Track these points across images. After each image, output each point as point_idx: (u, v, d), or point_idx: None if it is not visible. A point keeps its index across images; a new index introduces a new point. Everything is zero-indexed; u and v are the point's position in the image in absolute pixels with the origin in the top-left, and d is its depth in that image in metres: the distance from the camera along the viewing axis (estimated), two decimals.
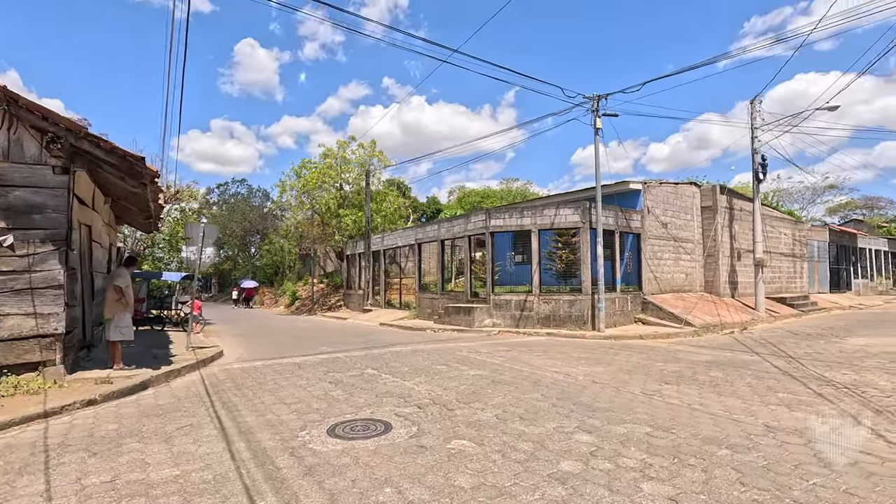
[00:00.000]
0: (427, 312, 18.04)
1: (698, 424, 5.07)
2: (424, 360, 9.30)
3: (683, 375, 7.68)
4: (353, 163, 26.86)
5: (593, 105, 13.80)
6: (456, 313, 15.27)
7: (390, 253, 22.77)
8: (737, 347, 10.81)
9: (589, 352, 10.32)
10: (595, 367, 8.50)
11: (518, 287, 15.22)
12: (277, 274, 40.84)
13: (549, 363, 8.87)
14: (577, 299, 13.86)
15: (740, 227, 19.14)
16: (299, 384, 7.22)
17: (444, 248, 17.74)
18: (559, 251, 14.99)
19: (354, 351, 10.65)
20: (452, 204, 49.04)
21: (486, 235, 15.18)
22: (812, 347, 10.62)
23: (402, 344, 11.82)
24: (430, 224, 18.84)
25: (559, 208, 14.23)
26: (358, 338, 13.49)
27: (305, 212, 28.08)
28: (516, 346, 11.36)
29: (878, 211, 51.10)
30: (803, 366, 8.47)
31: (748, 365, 8.61)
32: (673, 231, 17.05)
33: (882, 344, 10.86)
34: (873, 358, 9.15)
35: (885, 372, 7.85)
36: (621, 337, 12.81)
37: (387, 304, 21.68)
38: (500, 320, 14.68)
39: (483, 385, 6.99)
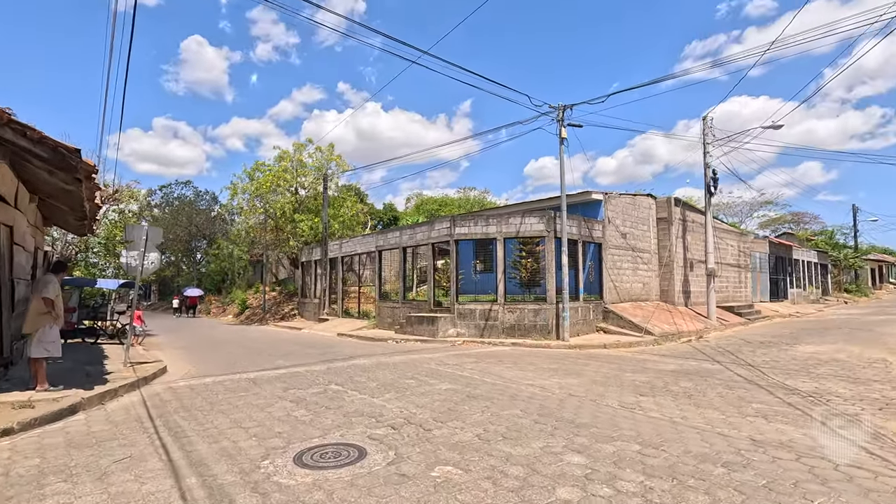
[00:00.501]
0: (388, 322, 17.48)
1: (686, 440, 4.92)
2: (391, 373, 8.81)
3: (656, 386, 7.63)
4: (310, 166, 25.95)
5: (559, 115, 13.86)
6: (419, 323, 14.83)
7: (347, 260, 22.05)
8: (698, 356, 11.01)
9: (557, 362, 10.18)
10: (567, 378, 8.33)
11: (482, 296, 15.01)
12: (225, 281, 38.82)
13: (520, 375, 8.62)
14: (541, 308, 13.78)
15: (692, 238, 19.86)
16: (257, 404, 6.57)
17: (406, 256, 17.29)
18: (523, 260, 14.91)
19: (314, 364, 10.00)
20: (410, 211, 48.59)
21: (451, 243, 14.88)
22: (767, 355, 10.96)
23: (365, 356, 11.26)
24: (391, 231, 18.35)
25: (524, 217, 14.15)
26: (316, 349, 12.78)
27: (258, 216, 26.80)
28: (483, 356, 11.07)
29: (804, 225, 55.03)
30: (764, 374, 8.66)
31: (714, 374, 8.71)
32: (631, 241, 17.42)
33: (828, 351, 11.38)
34: (825, 366, 9.51)
35: (839, 379, 8.12)
36: (586, 346, 12.81)
37: (344, 313, 20.91)
38: (465, 330, 14.38)
39: (458, 401, 6.61)
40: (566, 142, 13.83)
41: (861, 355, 10.66)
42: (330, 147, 25.79)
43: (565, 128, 13.83)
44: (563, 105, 13.77)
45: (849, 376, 8.40)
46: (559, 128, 13.88)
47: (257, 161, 25.84)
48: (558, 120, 13.89)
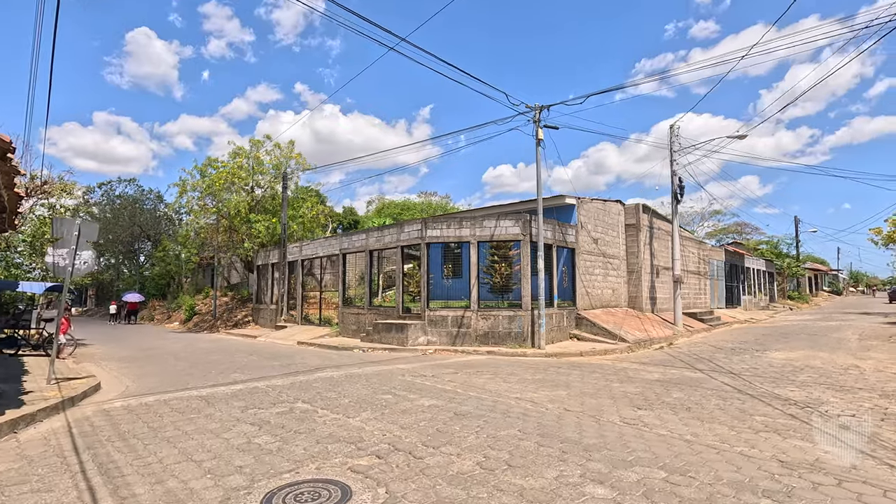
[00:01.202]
0: (352, 329, 16.49)
1: (710, 463, 4.42)
2: (364, 387, 7.97)
3: (649, 398, 7.19)
4: (268, 164, 24.53)
5: (535, 115, 13.47)
6: (387, 330, 13.98)
7: (307, 264, 20.83)
8: (677, 364, 10.77)
9: (539, 372, 9.64)
10: (556, 390, 7.78)
11: (453, 302, 14.35)
12: (171, 285, 36.27)
13: (505, 388, 7.99)
14: (516, 315, 13.27)
15: (658, 245, 20.03)
16: (211, 429, 5.59)
17: (372, 260, 16.39)
18: (496, 265, 14.37)
19: (276, 378, 8.98)
20: (371, 214, 47.42)
21: (422, 246, 14.15)
22: (744, 362, 10.87)
23: (332, 367, 10.32)
24: (357, 233, 17.40)
25: (499, 220, 13.63)
26: (276, 360, 11.68)
27: (210, 216, 25.04)
28: (460, 366, 10.38)
29: (746, 235, 57.95)
30: (750, 383, 8.43)
31: (701, 384, 8.40)
32: (602, 247, 17.28)
33: (800, 358, 11.45)
34: (803, 373, 9.45)
35: (824, 387, 7.99)
36: (562, 354, 12.39)
37: (304, 319, 19.69)
38: (436, 338, 13.65)
39: (446, 420, 5.89)
40: (542, 143, 13.45)
41: (833, 362, 10.75)
42: (290, 144, 24.50)
43: (542, 129, 13.45)
44: (540, 105, 13.39)
45: (831, 384, 8.30)
46: (536, 129, 13.48)
47: (209, 157, 24.17)
48: (535, 120, 13.50)
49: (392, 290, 19.24)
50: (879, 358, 11.27)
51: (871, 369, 9.79)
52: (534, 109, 13.46)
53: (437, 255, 17.04)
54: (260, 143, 24.30)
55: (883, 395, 7.38)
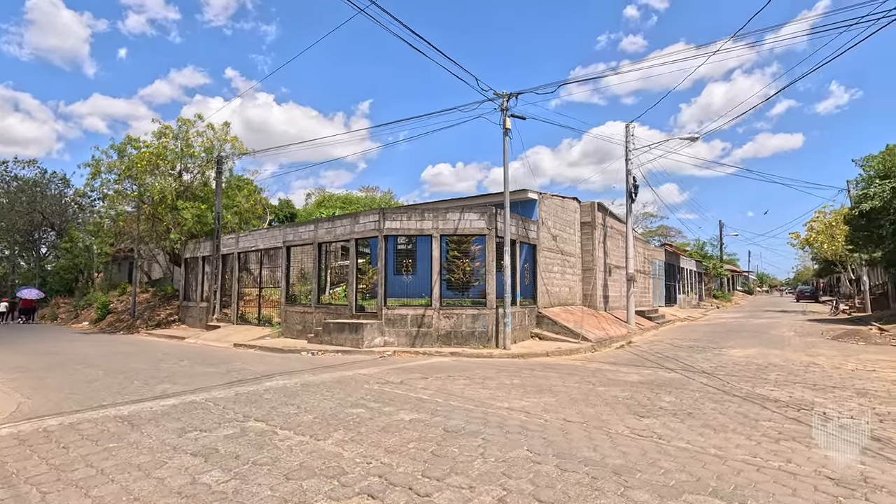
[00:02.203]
0: (297, 330, 15.03)
1: (759, 484, 3.85)
2: (327, 399, 6.84)
3: (642, 403, 6.69)
4: (199, 147, 22.13)
5: (503, 103, 12.80)
6: (339, 331, 12.74)
7: (243, 258, 18.93)
8: (646, 364, 10.51)
9: (514, 376, 8.93)
10: (542, 397, 7.09)
11: (412, 300, 13.36)
12: (79, 281, 32.18)
13: (488, 395, 7.19)
14: (480, 314, 12.54)
15: (611, 243, 20.17)
16: (139, 464, 4.30)
17: (321, 253, 15.01)
18: (458, 260, 13.58)
19: (216, 389, 7.59)
20: (310, 208, 45.07)
21: (380, 239, 13.04)
22: (708, 361, 10.82)
23: (282, 374, 9.01)
24: (304, 224, 15.89)
25: (464, 213, 12.83)
26: (212, 366, 10.13)
27: (129, 202, 22.21)
28: (427, 370, 9.46)
29: (670, 238, 61.45)
30: (729, 383, 8.23)
31: (683, 385, 8.07)
32: (561, 244, 17.01)
33: (756, 355, 11.62)
34: (769, 371, 9.45)
35: (801, 386, 7.93)
36: (529, 355, 11.82)
37: (240, 319, 17.85)
38: (394, 338, 12.62)
39: (437, 439, 4.97)
40: (510, 133, 12.81)
41: (790, 359, 10.95)
42: (224, 126, 22.22)
43: (509, 118, 12.80)
44: (509, 93, 12.74)
45: (804, 382, 8.28)
46: (503, 117, 12.81)
47: (129, 135, 21.34)
48: (502, 109, 12.83)
49: (340, 286, 17.90)
50: (828, 354, 11.68)
51: (829, 366, 10.01)
52: (501, 97, 12.78)
53: (395, 250, 15.96)
54: (190, 122, 21.84)
55: (860, 394, 7.36)
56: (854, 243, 22.69)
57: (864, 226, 21.15)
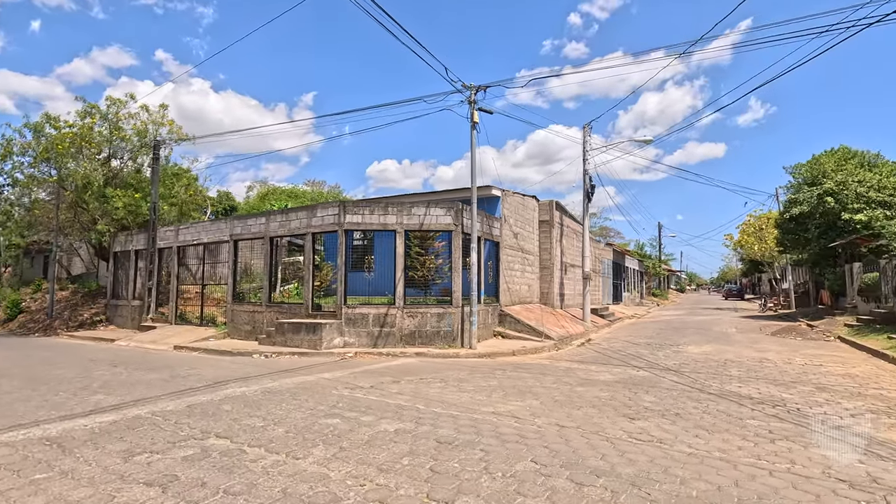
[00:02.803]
0: (245, 330, 13.94)
1: (781, 491, 3.72)
2: (295, 408, 6.17)
3: (626, 404, 6.56)
4: (131, 130, 20.12)
5: (471, 95, 12.45)
6: (294, 331, 11.90)
7: (182, 252, 17.40)
8: (612, 362, 10.55)
9: (488, 377, 8.61)
10: (525, 400, 6.80)
11: (373, 298, 12.72)
12: None
13: (467, 399, 6.80)
14: (446, 312, 12.14)
15: (567, 242, 20.43)
16: (78, 499, 3.52)
17: (273, 248, 14.00)
18: (422, 257, 13.10)
19: (164, 400, 6.67)
20: (253, 201, 42.75)
21: (339, 234, 12.30)
22: (669, 358, 11.03)
23: (237, 381, 8.15)
24: (254, 216, 14.77)
25: (430, 208, 12.37)
26: (154, 373, 9.03)
27: (45, 188, 19.83)
28: (396, 372, 8.94)
29: (609, 238, 64.05)
30: (696, 380, 8.35)
31: (657, 384, 8.07)
32: (521, 242, 16.95)
33: (712, 352, 12.02)
34: (728, 367, 9.73)
35: (763, 382, 8.18)
36: (495, 354, 11.57)
37: (179, 318, 16.38)
38: (354, 339, 11.95)
39: (432, 453, 4.51)
40: (478, 127, 12.49)
41: (743, 355, 11.40)
42: (161, 109, 20.33)
43: (477, 111, 12.48)
44: (476, 86, 12.41)
45: (764, 378, 8.57)
46: (471, 110, 12.47)
47: (46, 112, 18.99)
48: (470, 101, 12.48)
49: (291, 284, 16.89)
50: (775, 350, 12.29)
51: (780, 361, 10.49)
52: (470, 89, 12.42)
53: (352, 245, 15.12)
54: (121, 102, 19.77)
55: (819, 389, 7.65)
56: (783, 245, 24.43)
57: (793, 229, 22.78)
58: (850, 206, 19.86)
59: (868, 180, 20.13)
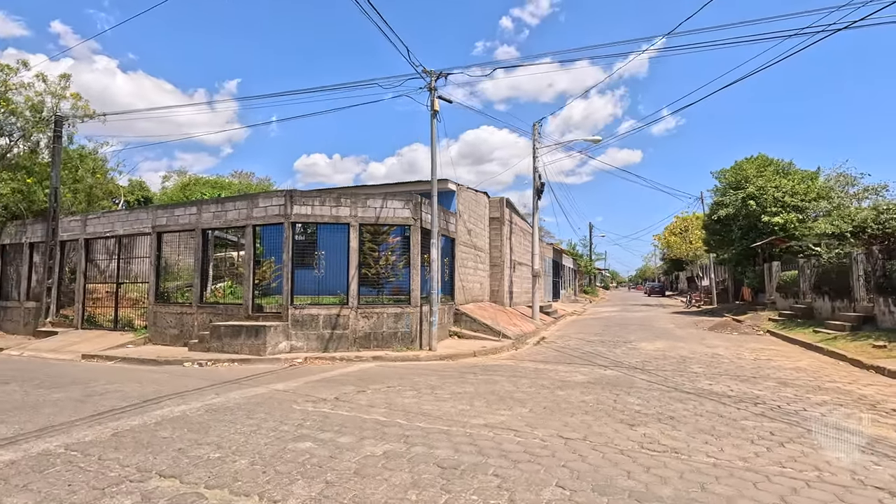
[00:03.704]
0: (171, 335, 12.28)
1: None
2: (254, 430, 5.17)
3: (616, 408, 6.24)
4: (23, 103, 17.21)
5: (431, 82, 11.75)
6: (233, 335, 10.57)
7: (84, 245, 15.09)
8: (576, 361, 10.35)
9: (460, 382, 7.99)
10: (512, 407, 6.27)
11: (321, 298, 11.62)
12: None
13: (450, 409, 6.14)
14: (404, 312, 11.37)
15: (515, 239, 20.32)
16: None
17: (206, 242, 12.43)
18: (374, 252, 12.20)
19: (80, 427, 5.35)
20: (171, 191, 39.00)
21: (286, 227, 11.10)
22: (629, 355, 11.04)
23: (173, 397, 6.87)
24: (183, 205, 13.03)
25: (387, 200, 11.51)
26: (61, 390, 7.44)
27: None
28: (360, 381, 8.06)
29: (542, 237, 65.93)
30: (668, 378, 8.30)
31: (632, 384, 7.89)
32: (474, 239, 16.52)
33: (666, 348, 12.27)
34: (690, 363, 9.87)
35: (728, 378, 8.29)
36: (457, 356, 10.99)
37: (86, 322, 14.18)
38: (303, 342, 10.84)
39: (439, 482, 3.81)
40: (438, 116, 11.82)
41: (696, 350, 11.69)
42: (62, 79, 17.56)
43: (437, 100, 11.81)
44: (438, 71, 11.73)
45: (727, 374, 8.72)
46: (431, 98, 11.77)
47: None
48: (430, 88, 11.78)
49: (223, 282, 15.23)
50: (722, 345, 12.73)
51: (732, 356, 10.83)
52: (430, 75, 11.72)
53: (277, 241, 13.77)
54: (11, 69, 16.82)
55: (783, 384, 7.84)
56: (709, 245, 26.06)
57: (719, 230, 24.31)
58: (768, 209, 21.50)
59: (783, 186, 21.90)
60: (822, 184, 22.79)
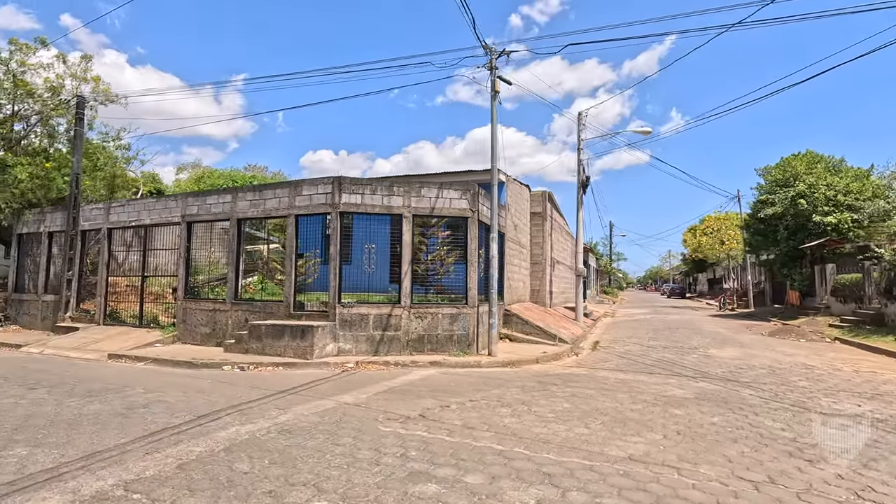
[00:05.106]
0: (202, 333, 11.30)
1: None
2: (351, 464, 4.14)
3: (766, 436, 5.20)
4: (42, 85, 16.29)
5: (492, 60, 10.69)
6: (275, 336, 9.56)
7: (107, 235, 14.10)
8: (655, 370, 9.29)
9: (547, 395, 6.94)
10: (642, 433, 5.23)
11: (370, 295, 10.58)
12: None
13: (566, 432, 5.10)
14: (460, 313, 10.33)
15: (554, 236, 19.25)
16: None
17: (240, 233, 11.43)
18: (424, 247, 11.16)
19: (133, 456, 4.32)
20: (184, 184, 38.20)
21: (334, 217, 10.08)
22: (707, 364, 9.98)
23: (229, 411, 5.84)
24: (214, 193, 12.02)
25: (442, 189, 10.47)
26: (96, 400, 6.41)
27: None
28: (430, 390, 7.02)
29: None
30: (778, 393, 7.22)
31: (747, 401, 6.84)
32: (518, 235, 15.47)
33: (740, 356, 11.17)
34: (788, 376, 8.80)
35: (846, 394, 7.21)
36: (520, 362, 9.93)
37: (109, 317, 13.23)
38: (351, 345, 9.83)
39: None
40: (498, 98, 10.76)
41: (780, 360, 10.59)
42: (83, 60, 16.62)
43: (498, 80, 10.74)
44: (500, 50, 10.66)
45: (841, 389, 7.69)
46: (492, 78, 10.71)
47: None
48: (490, 67, 10.72)
49: (253, 277, 14.25)
50: (801, 353, 11.61)
51: (828, 367, 9.73)
52: (491, 53, 10.65)
53: (313, 232, 12.66)
54: (29, 48, 15.90)
55: None
56: (750, 245, 24.87)
57: (762, 230, 23.10)
58: (819, 208, 20.30)
59: (835, 184, 20.68)
60: (877, 181, 21.56)
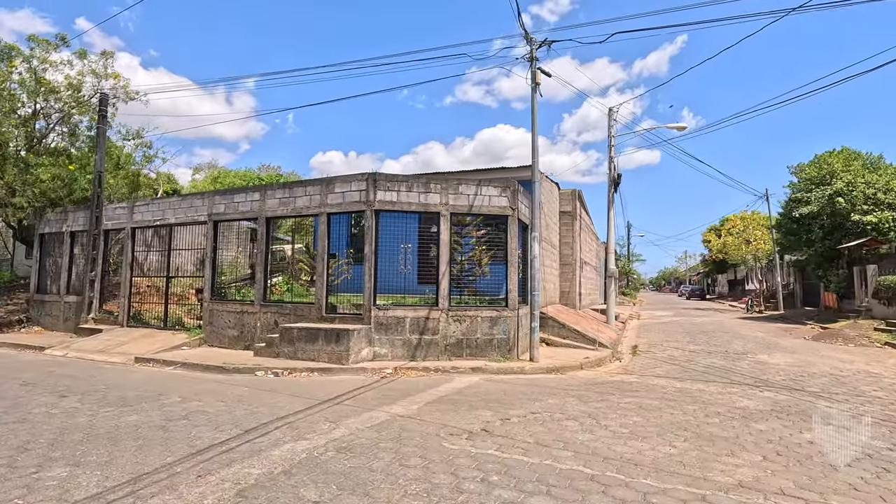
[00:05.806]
0: (230, 336, 10.91)
1: None
2: (430, 491, 3.67)
3: (874, 457, 4.61)
4: (62, 83, 16.07)
5: (532, 51, 10.19)
6: (308, 340, 9.13)
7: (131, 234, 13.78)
8: (711, 378, 8.71)
9: (612, 408, 6.42)
10: (737, 454, 4.70)
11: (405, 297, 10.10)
12: None
13: (651, 451, 4.59)
14: (500, 316, 9.83)
15: (583, 236, 18.68)
16: None
17: (269, 232, 11.03)
18: (459, 247, 10.67)
19: (183, 479, 3.88)
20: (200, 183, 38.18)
21: (369, 215, 9.63)
22: (763, 370, 9.41)
23: (276, 424, 5.40)
24: (242, 191, 11.63)
25: (481, 186, 9.98)
26: (132, 409, 6.00)
27: None
28: (478, 400, 6.53)
29: None
30: (855, 405, 6.62)
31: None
32: (549, 234, 14.93)
33: (795, 362, 10.56)
34: (859, 384, 8.19)
35: None
36: (564, 368, 9.41)
37: (132, 319, 12.91)
38: (387, 349, 9.37)
39: None
40: (539, 90, 10.25)
41: (841, 368, 9.95)
42: (104, 57, 16.38)
43: (538, 71, 10.24)
44: (540, 40, 10.15)
45: None
46: (532, 69, 10.20)
47: None
48: (531, 58, 10.21)
49: (278, 277, 13.87)
50: (859, 360, 10.96)
51: (893, 375, 9.12)
52: (532, 43, 10.14)
53: (339, 231, 12.20)
54: (50, 44, 15.67)
55: None
56: (782, 245, 24.06)
57: (796, 230, 22.30)
58: (858, 207, 19.50)
59: (875, 182, 19.87)
60: None
